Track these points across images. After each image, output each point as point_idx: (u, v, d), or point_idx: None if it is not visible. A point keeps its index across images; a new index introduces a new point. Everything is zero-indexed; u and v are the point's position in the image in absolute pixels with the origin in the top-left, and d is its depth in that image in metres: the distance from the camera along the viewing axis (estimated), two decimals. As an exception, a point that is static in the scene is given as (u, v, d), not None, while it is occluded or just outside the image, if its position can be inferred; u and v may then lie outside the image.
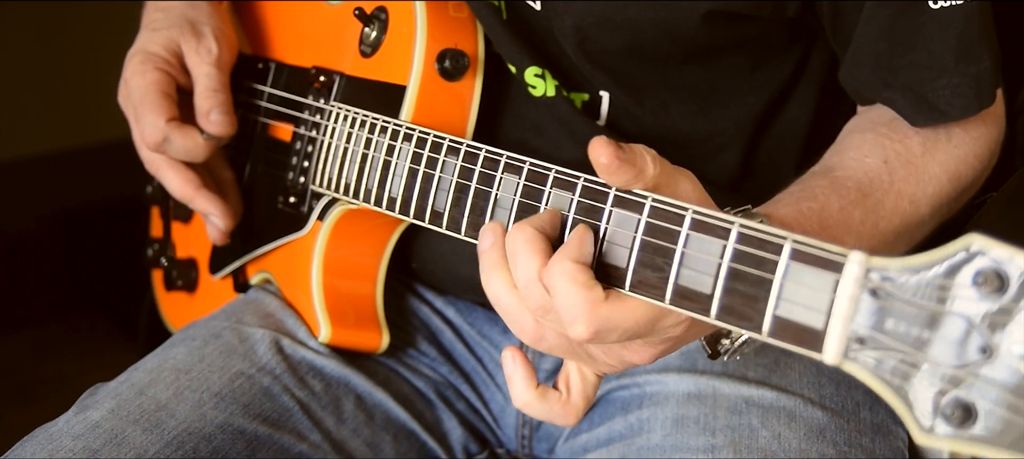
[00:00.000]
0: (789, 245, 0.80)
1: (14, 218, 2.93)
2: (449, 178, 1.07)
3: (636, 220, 0.90)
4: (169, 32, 1.33)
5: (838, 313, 0.77)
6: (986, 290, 0.71)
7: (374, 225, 1.26)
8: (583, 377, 1.00)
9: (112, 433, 1.13)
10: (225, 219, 1.34)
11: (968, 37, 1.10)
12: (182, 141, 1.30)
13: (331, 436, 1.24)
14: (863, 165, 1.11)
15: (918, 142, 1.13)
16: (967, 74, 1.11)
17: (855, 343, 0.76)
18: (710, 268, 0.84)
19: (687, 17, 1.13)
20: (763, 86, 1.25)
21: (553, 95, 1.22)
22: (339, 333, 1.28)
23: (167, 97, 1.31)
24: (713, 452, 1.13)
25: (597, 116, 1.24)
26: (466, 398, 1.37)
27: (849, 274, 0.76)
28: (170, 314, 1.56)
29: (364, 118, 1.21)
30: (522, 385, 0.98)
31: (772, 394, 1.17)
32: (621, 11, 1.14)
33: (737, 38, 1.19)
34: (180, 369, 1.22)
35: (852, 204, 1.07)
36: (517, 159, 1.01)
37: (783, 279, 0.80)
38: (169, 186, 1.34)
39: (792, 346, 0.80)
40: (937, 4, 1.09)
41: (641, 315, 0.90)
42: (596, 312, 0.88)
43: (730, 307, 0.83)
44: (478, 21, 1.24)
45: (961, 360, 0.72)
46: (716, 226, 0.84)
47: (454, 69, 1.21)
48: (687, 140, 1.25)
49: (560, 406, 0.99)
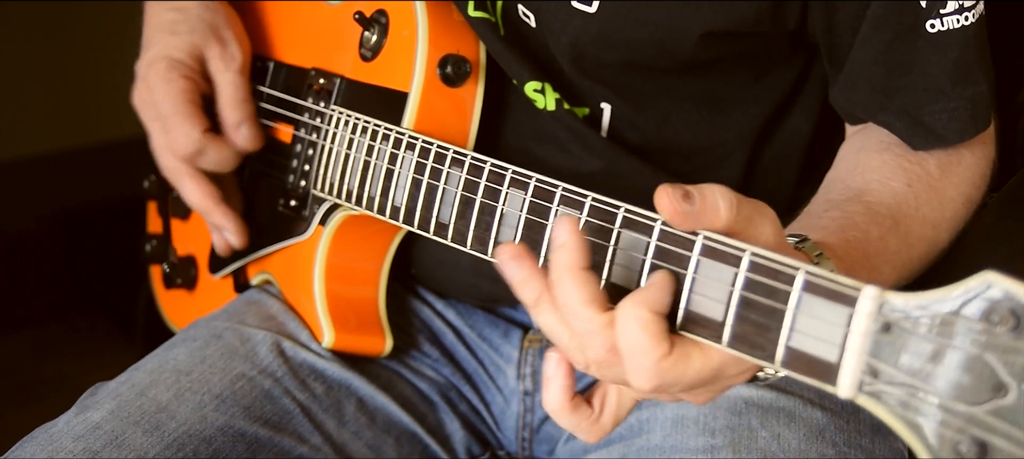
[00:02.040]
0: (801, 276, 0.80)
1: (14, 218, 2.93)
2: (453, 190, 1.06)
3: (645, 243, 0.89)
4: (192, 38, 1.32)
5: (852, 347, 0.77)
6: (1001, 328, 0.71)
7: (376, 230, 1.26)
8: (620, 401, 0.95)
9: (113, 434, 1.13)
10: (238, 237, 1.33)
11: (965, 61, 1.09)
12: (216, 153, 1.30)
13: (332, 439, 1.24)
14: (890, 189, 1.10)
15: (934, 164, 1.13)
16: (963, 97, 1.10)
17: (869, 377, 0.76)
18: (722, 295, 0.84)
19: (684, 37, 1.12)
20: (766, 95, 1.24)
21: (553, 109, 1.21)
22: (343, 338, 1.27)
23: (197, 106, 1.30)
24: (713, 452, 1.13)
25: (599, 129, 1.24)
26: (468, 400, 1.37)
27: (862, 309, 0.76)
28: (170, 311, 1.56)
29: (366, 124, 1.20)
30: (558, 392, 0.92)
31: (772, 394, 1.17)
32: (618, 31, 1.14)
33: (738, 52, 1.18)
34: (181, 370, 1.21)
35: (888, 232, 1.06)
36: (523, 174, 0.99)
37: (796, 310, 0.80)
38: (189, 197, 1.32)
39: (806, 378, 0.80)
40: (934, 28, 1.08)
41: (702, 366, 0.86)
42: (660, 366, 0.85)
43: (743, 335, 0.83)
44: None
45: (975, 398, 0.72)
46: (727, 254, 0.83)
47: (456, 75, 1.20)
48: (690, 150, 1.24)
49: (588, 423, 0.94)
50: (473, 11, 1.20)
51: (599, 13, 1.13)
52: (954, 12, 1.07)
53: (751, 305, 0.82)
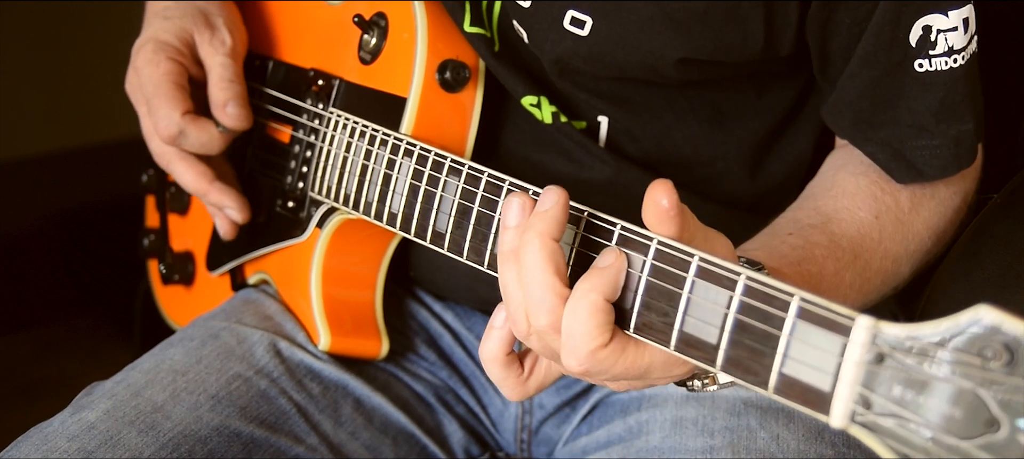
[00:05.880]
0: (796, 303, 0.80)
1: (14, 218, 2.92)
2: (450, 199, 1.06)
3: (641, 261, 0.89)
4: (182, 22, 1.31)
5: (845, 377, 0.77)
6: (995, 363, 0.71)
7: (373, 234, 1.26)
8: (548, 372, 1.00)
9: (107, 434, 1.13)
10: (240, 211, 1.32)
11: (951, 100, 1.09)
12: (198, 134, 1.28)
13: (329, 439, 1.24)
14: (856, 220, 1.11)
15: (907, 197, 1.14)
16: (947, 136, 1.11)
17: (861, 407, 0.76)
18: (716, 318, 0.84)
19: (664, 62, 1.13)
20: (769, 110, 1.24)
21: (550, 122, 1.21)
22: (339, 341, 1.27)
23: (181, 88, 1.29)
24: (711, 453, 1.13)
25: (597, 141, 1.23)
26: (465, 402, 1.37)
27: (856, 339, 0.76)
28: (168, 307, 1.56)
29: (364, 128, 1.20)
30: (497, 343, 0.97)
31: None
32: (608, 53, 1.14)
33: (733, 73, 1.18)
34: (177, 370, 1.21)
35: (845, 267, 1.07)
36: (520, 186, 1.00)
37: (790, 337, 0.80)
38: (182, 179, 1.31)
39: (798, 406, 0.80)
40: (922, 68, 1.08)
41: (632, 363, 0.89)
42: (595, 356, 0.88)
43: (736, 360, 0.83)
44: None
45: (967, 432, 0.72)
46: (722, 276, 0.84)
47: (455, 80, 1.20)
48: (691, 162, 1.24)
49: (515, 381, 0.99)
50: (469, 26, 1.20)
51: (590, 37, 1.13)
52: (943, 54, 1.08)
53: (745, 329, 0.82)
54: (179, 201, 1.49)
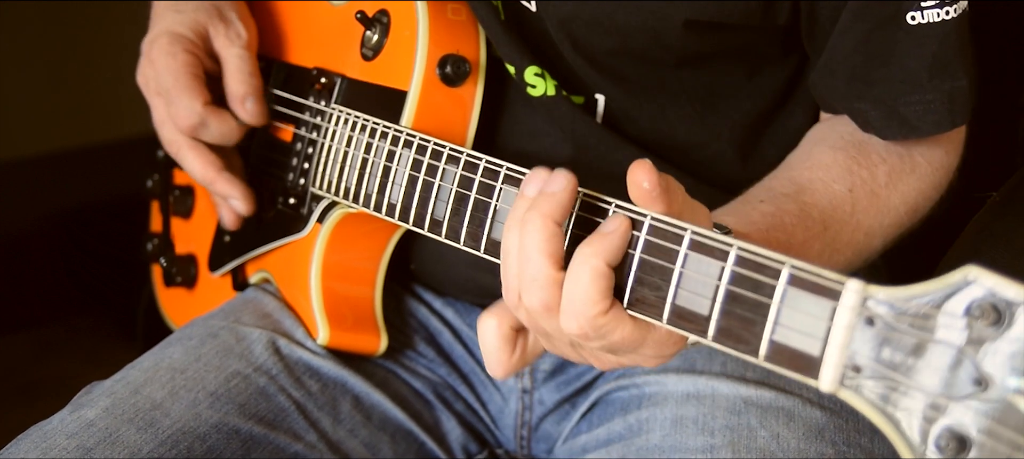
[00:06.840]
0: (787, 270, 0.80)
1: (14, 218, 2.93)
2: (449, 187, 1.07)
3: (635, 237, 0.89)
4: (196, 15, 1.32)
5: (835, 341, 0.77)
6: (982, 322, 0.71)
7: (373, 229, 1.26)
8: (532, 349, 1.00)
9: (106, 432, 1.13)
10: (246, 202, 1.32)
11: (944, 54, 1.10)
12: (218, 125, 1.29)
13: (327, 436, 1.24)
14: (830, 191, 1.11)
15: (884, 172, 1.14)
16: (941, 90, 1.11)
17: (851, 371, 0.76)
18: (708, 290, 0.84)
19: (669, 24, 1.13)
20: (760, 93, 1.25)
21: (553, 94, 1.22)
22: (338, 335, 1.28)
23: (200, 80, 1.29)
24: (712, 452, 1.13)
25: (594, 118, 1.24)
26: (464, 399, 1.37)
27: (846, 302, 0.77)
28: (170, 310, 1.56)
29: (365, 122, 1.21)
30: (504, 313, 0.97)
31: (771, 394, 1.17)
32: (610, 16, 1.14)
33: (728, 46, 1.19)
34: (176, 368, 1.21)
35: (814, 237, 1.08)
36: (517, 171, 1.00)
37: (780, 304, 0.80)
38: (191, 169, 1.31)
39: (788, 371, 0.80)
40: (914, 20, 1.08)
41: (628, 335, 0.90)
42: (595, 321, 0.88)
43: (728, 330, 0.83)
44: (478, 21, 1.23)
45: (955, 391, 0.72)
46: (714, 248, 0.84)
47: (455, 74, 1.21)
48: (684, 144, 1.25)
49: (503, 356, 0.99)
50: None
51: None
52: (935, 5, 1.08)
53: (737, 299, 0.83)
54: (183, 205, 1.49)
